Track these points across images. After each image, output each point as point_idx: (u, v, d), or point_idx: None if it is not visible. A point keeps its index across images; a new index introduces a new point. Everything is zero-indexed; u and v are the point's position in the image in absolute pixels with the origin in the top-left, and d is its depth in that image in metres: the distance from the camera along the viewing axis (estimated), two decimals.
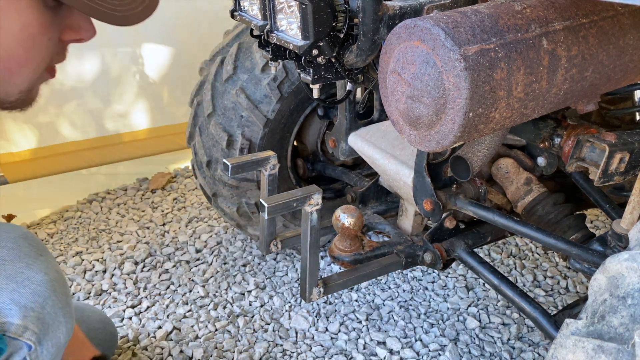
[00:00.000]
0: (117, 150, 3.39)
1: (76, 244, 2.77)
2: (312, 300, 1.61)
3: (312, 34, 1.27)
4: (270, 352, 2.11)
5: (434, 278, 2.51)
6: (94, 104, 3.22)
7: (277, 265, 2.59)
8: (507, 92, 1.02)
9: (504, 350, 2.11)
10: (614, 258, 0.92)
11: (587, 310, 0.93)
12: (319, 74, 1.42)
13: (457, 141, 1.06)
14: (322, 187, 2.61)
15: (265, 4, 1.39)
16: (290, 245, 1.84)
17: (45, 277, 1.29)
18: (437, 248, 1.69)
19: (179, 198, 3.22)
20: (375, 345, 2.14)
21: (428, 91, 1.03)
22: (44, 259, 1.33)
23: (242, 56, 2.16)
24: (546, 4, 1.11)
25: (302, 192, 1.49)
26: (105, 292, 2.42)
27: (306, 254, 1.54)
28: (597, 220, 2.91)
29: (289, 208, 1.48)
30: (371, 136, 1.90)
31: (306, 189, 1.50)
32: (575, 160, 1.36)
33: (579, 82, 1.13)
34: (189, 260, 2.64)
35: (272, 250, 1.80)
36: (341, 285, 1.65)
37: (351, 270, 1.68)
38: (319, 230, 1.52)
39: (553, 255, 2.64)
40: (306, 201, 1.49)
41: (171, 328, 2.21)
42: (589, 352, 0.84)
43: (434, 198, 1.60)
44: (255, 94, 2.12)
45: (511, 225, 1.53)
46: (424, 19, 1.03)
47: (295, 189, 1.50)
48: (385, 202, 1.98)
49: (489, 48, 0.99)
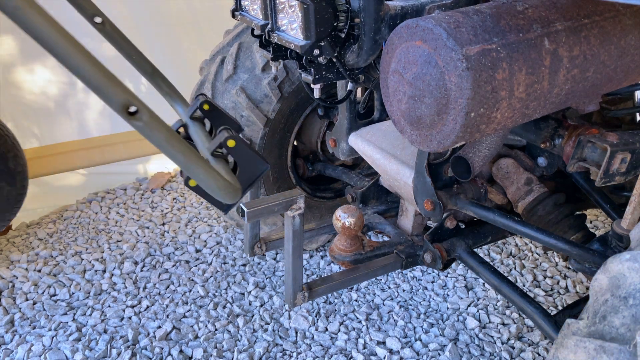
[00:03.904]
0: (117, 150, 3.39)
1: (76, 244, 2.77)
2: (296, 305, 1.60)
3: (314, 34, 1.27)
4: (270, 352, 2.11)
5: (433, 278, 2.51)
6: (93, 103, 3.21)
7: (277, 265, 2.59)
8: (509, 92, 1.02)
9: (503, 350, 2.11)
10: (615, 258, 0.92)
11: (588, 311, 0.93)
12: (320, 73, 1.42)
13: (458, 141, 1.06)
14: (322, 186, 2.63)
15: (267, 3, 1.39)
16: (274, 247, 1.83)
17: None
18: (437, 248, 1.69)
19: (178, 198, 3.22)
20: (375, 344, 2.14)
21: (430, 91, 1.03)
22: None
23: (243, 56, 2.16)
24: (548, 4, 1.11)
25: (284, 196, 1.47)
26: (105, 292, 2.42)
27: (289, 258, 1.52)
28: (597, 220, 2.92)
29: (271, 213, 1.45)
30: (372, 136, 1.89)
31: (288, 193, 1.48)
32: (577, 161, 1.36)
33: (581, 83, 1.13)
34: (188, 260, 2.64)
35: (256, 252, 1.79)
36: (326, 290, 1.64)
37: (337, 274, 1.68)
38: (302, 235, 1.50)
39: (553, 255, 2.64)
40: (288, 206, 1.46)
41: (171, 328, 2.21)
42: (591, 352, 0.84)
43: (435, 198, 1.60)
44: (255, 94, 2.12)
45: (511, 225, 1.52)
46: (426, 18, 1.03)
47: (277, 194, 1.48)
48: (385, 202, 1.97)
49: (491, 48, 0.99)
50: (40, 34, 0.91)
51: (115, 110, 1.04)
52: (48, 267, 2.57)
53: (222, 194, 1.16)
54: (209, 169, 1.14)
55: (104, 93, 1.01)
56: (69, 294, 2.41)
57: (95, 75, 1.00)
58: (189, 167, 1.11)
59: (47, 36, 0.92)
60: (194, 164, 1.12)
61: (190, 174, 1.13)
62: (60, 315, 2.27)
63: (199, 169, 1.12)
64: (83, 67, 0.98)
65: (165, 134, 1.08)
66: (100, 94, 1.02)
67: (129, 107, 1.03)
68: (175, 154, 1.10)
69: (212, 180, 1.15)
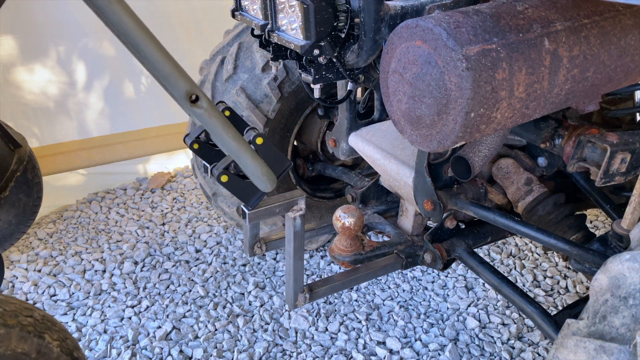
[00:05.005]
0: (117, 150, 3.39)
1: (76, 244, 2.77)
2: (297, 306, 1.60)
3: (314, 34, 1.27)
4: (270, 352, 2.11)
5: (433, 278, 2.51)
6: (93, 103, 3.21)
7: (277, 265, 2.59)
8: (509, 92, 1.02)
9: (503, 350, 2.11)
10: (615, 258, 0.92)
11: (588, 311, 0.93)
12: (320, 73, 1.42)
13: (458, 141, 1.06)
14: (322, 187, 2.63)
15: (267, 3, 1.39)
16: (274, 247, 1.83)
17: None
18: (437, 248, 1.69)
19: (178, 198, 3.22)
20: (375, 345, 2.14)
21: (430, 91, 1.03)
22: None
23: (243, 56, 2.16)
24: (548, 4, 1.11)
25: (285, 197, 1.47)
26: (105, 292, 2.42)
27: (290, 260, 1.52)
28: (597, 220, 2.92)
29: (271, 214, 1.46)
30: (372, 136, 1.89)
31: (289, 195, 1.48)
32: (577, 161, 1.36)
33: (581, 83, 1.13)
34: (188, 260, 2.64)
35: (256, 252, 1.79)
36: (327, 291, 1.64)
37: (337, 275, 1.68)
38: (303, 236, 1.50)
39: (553, 255, 2.64)
40: (289, 207, 1.46)
41: (171, 328, 2.21)
42: (591, 353, 0.84)
43: (435, 198, 1.60)
44: (255, 94, 2.12)
45: (512, 225, 1.53)
46: (426, 18, 1.03)
47: (278, 195, 1.48)
48: (385, 202, 1.97)
49: (491, 48, 0.99)
50: (121, 26, 1.03)
51: (178, 97, 1.13)
52: (48, 267, 2.57)
53: (264, 179, 1.30)
54: (257, 157, 1.27)
55: (170, 82, 1.11)
56: (68, 294, 2.41)
57: (164, 65, 1.09)
58: (240, 154, 1.24)
59: (126, 28, 1.03)
60: (245, 151, 1.25)
61: (239, 159, 1.25)
62: (60, 315, 2.27)
63: (247, 156, 1.26)
64: (154, 57, 1.07)
65: (221, 121, 1.20)
66: (167, 82, 1.11)
67: (191, 95, 1.13)
68: (229, 141, 1.22)
69: (259, 167, 1.28)
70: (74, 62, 3.08)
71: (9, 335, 0.99)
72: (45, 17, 2.88)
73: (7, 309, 1.02)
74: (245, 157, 1.26)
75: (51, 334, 1.06)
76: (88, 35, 3.04)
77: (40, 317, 1.07)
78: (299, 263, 1.53)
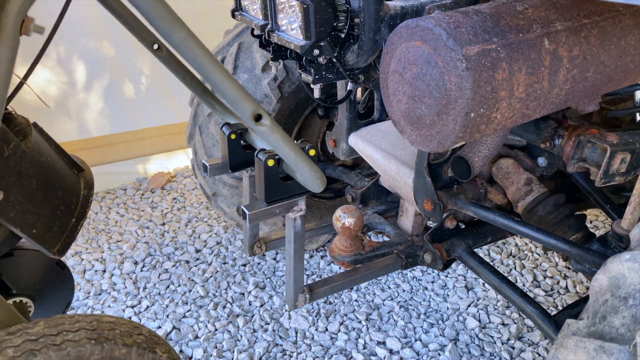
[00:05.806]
0: (117, 149, 3.39)
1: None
2: (297, 307, 1.60)
3: (314, 34, 1.27)
4: (270, 352, 2.11)
5: (433, 278, 2.51)
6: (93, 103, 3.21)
7: (277, 265, 2.59)
8: (509, 92, 1.02)
9: (503, 350, 2.11)
10: (615, 258, 0.92)
11: (588, 311, 0.93)
12: (320, 73, 1.42)
13: (458, 141, 1.06)
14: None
15: (267, 3, 1.39)
16: (274, 247, 1.84)
17: None
18: (437, 248, 1.69)
19: (178, 198, 3.22)
20: (375, 345, 2.14)
21: (430, 91, 1.03)
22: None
23: (243, 56, 2.16)
24: (548, 4, 1.11)
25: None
26: (105, 292, 2.42)
27: (291, 260, 1.52)
28: (597, 220, 2.92)
29: (272, 215, 1.46)
30: (372, 136, 1.89)
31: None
32: (577, 161, 1.36)
33: (581, 83, 1.13)
34: (188, 260, 2.64)
35: (256, 252, 1.79)
36: (327, 291, 1.64)
37: (338, 275, 1.68)
38: (303, 237, 1.50)
39: (553, 255, 2.64)
40: (290, 208, 1.46)
41: (171, 328, 2.21)
42: (590, 353, 0.84)
43: (435, 198, 1.60)
44: (255, 94, 2.12)
45: (511, 225, 1.52)
46: (426, 19, 1.03)
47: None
48: (385, 202, 1.97)
49: (491, 48, 0.99)
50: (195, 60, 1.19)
51: (245, 118, 1.30)
52: None
53: (318, 182, 1.47)
54: (313, 165, 1.45)
55: (237, 105, 1.28)
56: None
57: (233, 91, 1.25)
58: (299, 163, 1.42)
59: (200, 61, 1.20)
60: (303, 160, 1.43)
61: (297, 167, 1.43)
62: None
63: (305, 164, 1.43)
64: (223, 84, 1.24)
65: (282, 135, 1.38)
66: (234, 105, 1.28)
67: (256, 115, 1.29)
68: (289, 152, 1.40)
69: (314, 174, 1.46)
70: (74, 62, 3.08)
71: (130, 354, 1.06)
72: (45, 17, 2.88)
73: (122, 330, 1.08)
74: (303, 166, 1.43)
75: (160, 348, 1.13)
76: (88, 35, 3.04)
77: (148, 333, 1.15)
78: (299, 263, 1.53)
